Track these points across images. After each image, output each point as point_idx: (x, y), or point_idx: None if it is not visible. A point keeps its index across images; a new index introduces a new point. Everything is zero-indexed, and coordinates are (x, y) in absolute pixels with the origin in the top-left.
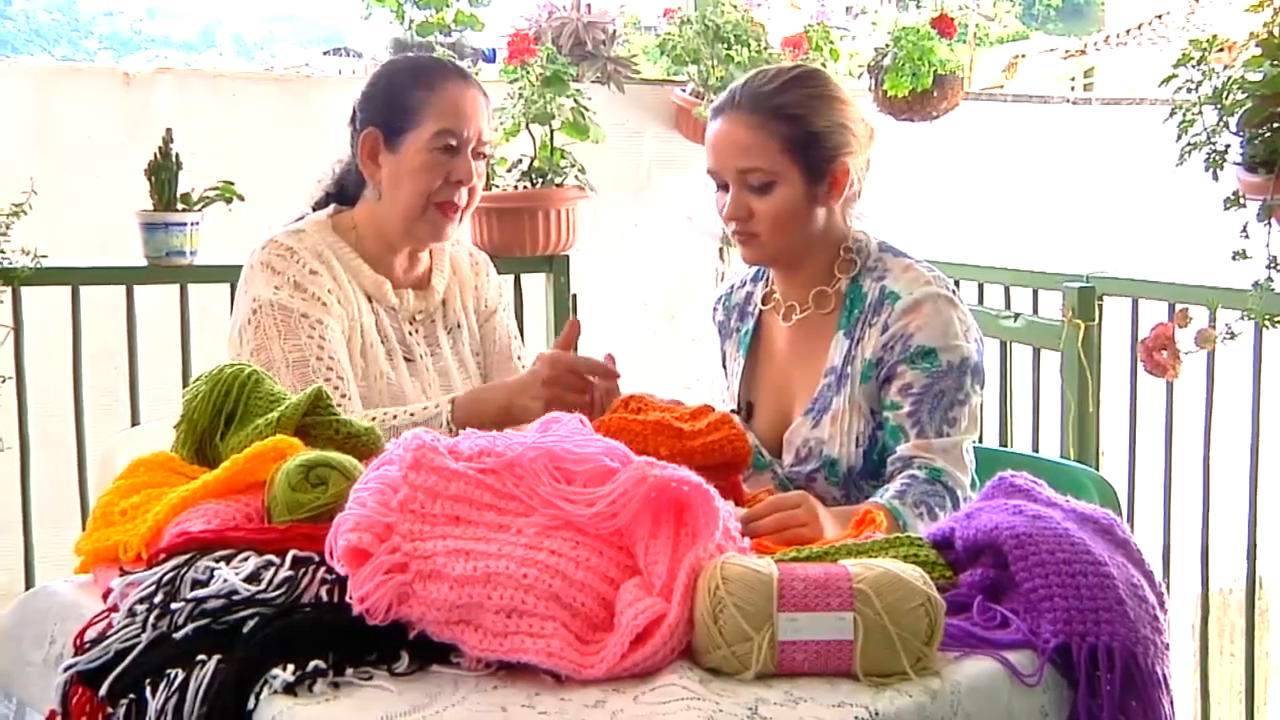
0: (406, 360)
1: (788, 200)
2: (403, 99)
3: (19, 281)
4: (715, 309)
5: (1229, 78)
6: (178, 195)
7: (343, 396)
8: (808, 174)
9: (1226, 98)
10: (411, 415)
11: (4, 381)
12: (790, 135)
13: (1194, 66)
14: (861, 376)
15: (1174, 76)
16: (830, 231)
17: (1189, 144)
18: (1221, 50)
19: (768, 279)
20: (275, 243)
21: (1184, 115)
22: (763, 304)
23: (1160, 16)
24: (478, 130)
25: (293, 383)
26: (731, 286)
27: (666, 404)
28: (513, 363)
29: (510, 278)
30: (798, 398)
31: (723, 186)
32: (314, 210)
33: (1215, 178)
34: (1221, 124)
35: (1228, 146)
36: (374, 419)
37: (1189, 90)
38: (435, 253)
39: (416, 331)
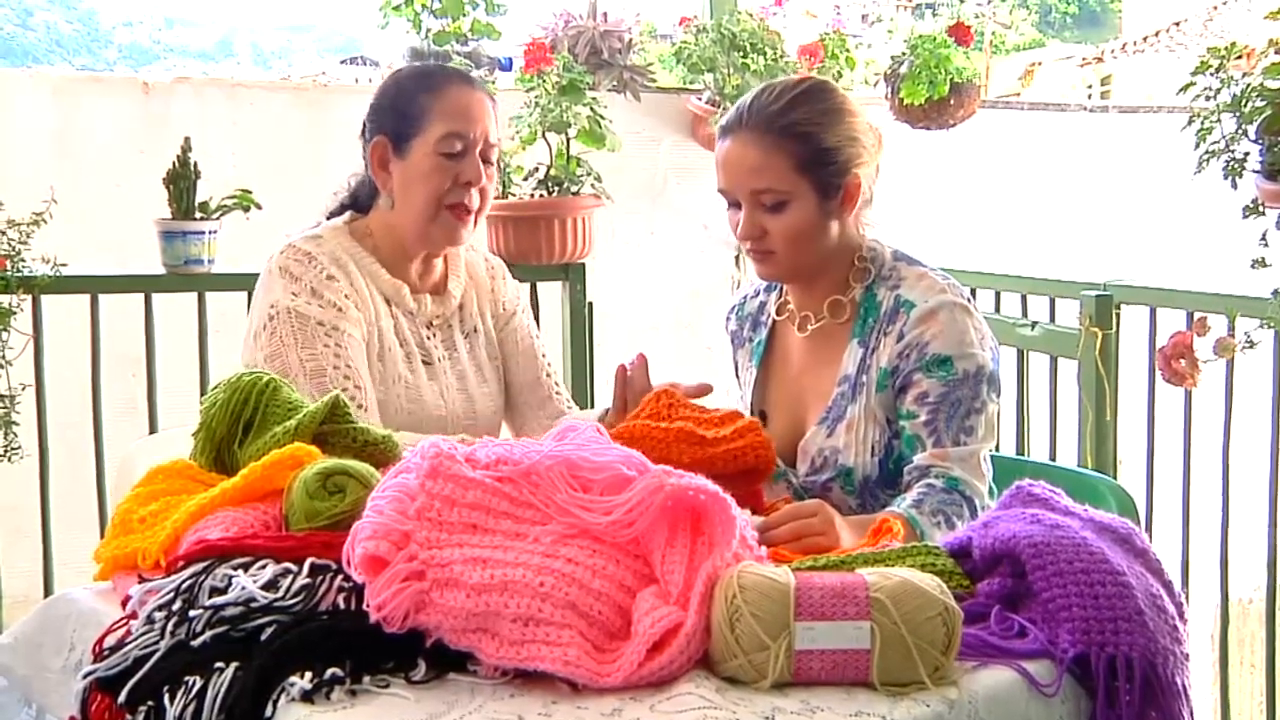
0: (425, 364)
1: (802, 218)
2: (408, 105)
3: (39, 290)
4: (728, 318)
5: (1248, 85)
6: (196, 204)
7: (359, 407)
8: (820, 191)
9: (1245, 105)
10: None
11: (24, 389)
12: (801, 154)
13: (1212, 74)
14: (877, 385)
15: (1192, 84)
16: (844, 242)
17: (1207, 151)
18: (1240, 57)
19: (781, 289)
20: (293, 248)
21: (1202, 123)
22: (776, 314)
23: (1178, 24)
24: (484, 132)
25: (310, 391)
26: (745, 296)
27: (693, 390)
28: (538, 360)
29: (526, 286)
30: (812, 407)
31: (735, 205)
32: (328, 219)
33: (1234, 185)
34: (1240, 131)
35: (1246, 154)
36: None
37: (1207, 98)
38: (451, 259)
39: (434, 336)
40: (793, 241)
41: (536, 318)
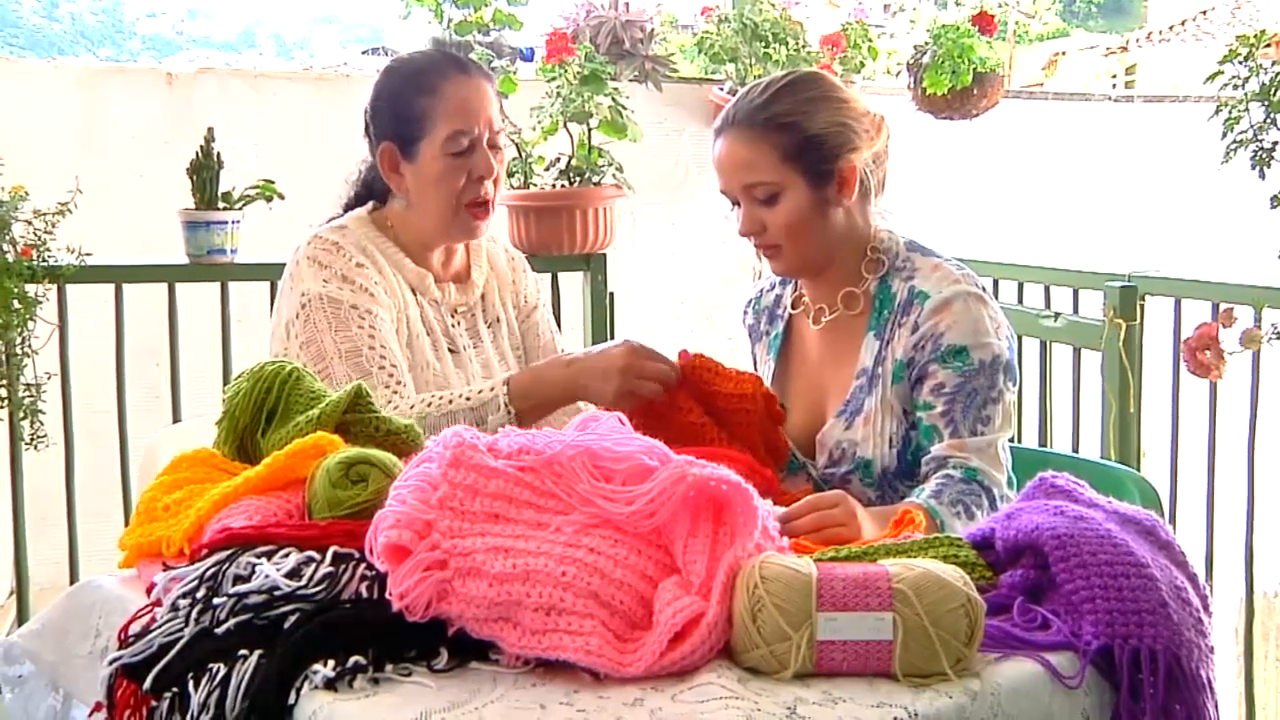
0: (451, 352)
1: (796, 208)
2: (408, 109)
3: (64, 279)
4: (745, 312)
5: (1277, 73)
6: (219, 194)
7: (398, 383)
8: (812, 179)
9: (1274, 93)
10: (467, 399)
11: (49, 378)
12: (787, 143)
13: (1240, 62)
14: (893, 377)
15: (1220, 72)
16: (853, 232)
17: (1235, 141)
18: (1269, 45)
19: (797, 282)
20: (320, 238)
21: (1230, 112)
22: (792, 307)
23: (1204, 12)
24: (488, 121)
25: (346, 373)
26: (761, 290)
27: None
28: (557, 356)
29: (547, 276)
30: (829, 400)
31: (735, 203)
32: (345, 210)
33: (1262, 175)
34: (1269, 120)
35: (1275, 143)
36: (429, 404)
37: (1235, 86)
38: (472, 248)
39: (459, 324)
40: (792, 233)
41: (557, 308)
